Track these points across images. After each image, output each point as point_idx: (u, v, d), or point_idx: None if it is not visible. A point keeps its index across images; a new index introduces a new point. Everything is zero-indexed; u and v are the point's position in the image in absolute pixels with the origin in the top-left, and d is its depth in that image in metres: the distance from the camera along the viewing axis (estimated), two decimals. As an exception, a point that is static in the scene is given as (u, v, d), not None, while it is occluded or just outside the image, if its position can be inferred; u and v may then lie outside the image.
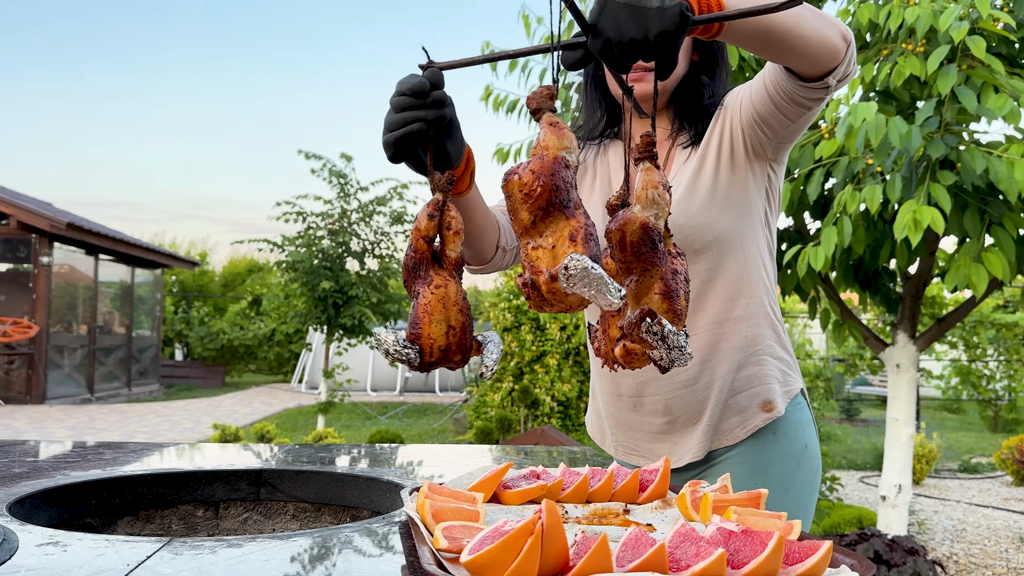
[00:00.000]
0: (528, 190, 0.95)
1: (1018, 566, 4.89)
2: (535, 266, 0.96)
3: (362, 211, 9.29)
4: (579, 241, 0.94)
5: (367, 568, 0.92)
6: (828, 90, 1.24)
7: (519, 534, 0.80)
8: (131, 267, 16.16)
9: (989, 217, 3.67)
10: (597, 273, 0.90)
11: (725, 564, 0.81)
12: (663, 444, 1.47)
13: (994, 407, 12.19)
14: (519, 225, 0.97)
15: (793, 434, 1.45)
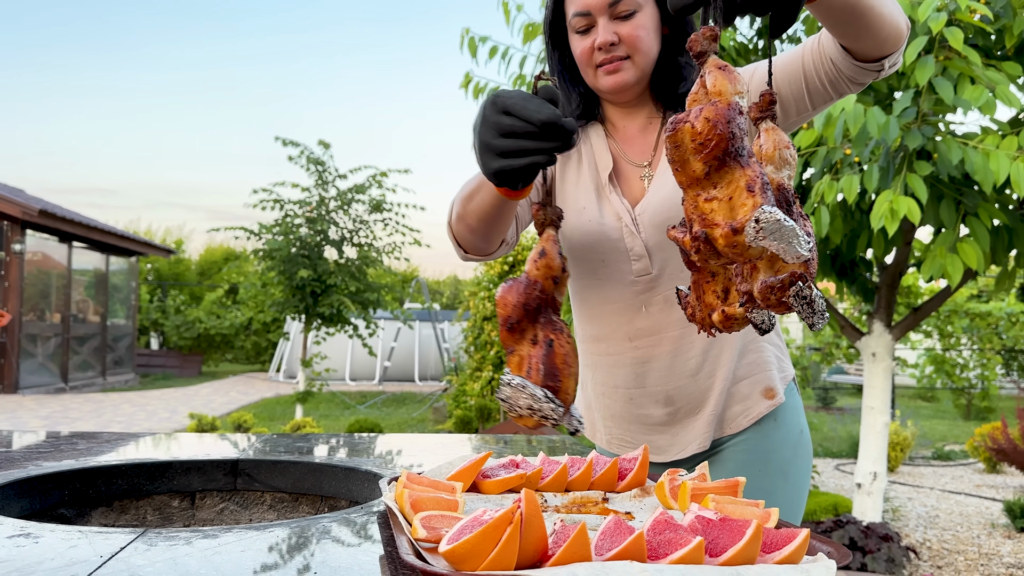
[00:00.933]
0: (703, 139, 0.89)
1: (989, 551, 4.97)
2: (708, 219, 0.91)
3: (340, 199, 9.23)
4: (757, 191, 0.88)
5: (345, 558, 0.91)
6: (880, 73, 1.21)
7: (498, 523, 0.80)
8: (105, 255, 15.98)
9: (964, 207, 3.71)
10: (789, 225, 0.85)
11: (703, 552, 0.81)
12: (662, 436, 1.46)
13: (967, 395, 12.36)
14: (687, 176, 0.92)
15: (791, 420, 1.46)
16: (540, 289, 0.97)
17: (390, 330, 15.89)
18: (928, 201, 3.59)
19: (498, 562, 0.79)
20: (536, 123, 0.97)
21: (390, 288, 10.32)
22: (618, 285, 1.43)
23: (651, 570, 0.78)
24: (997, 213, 3.69)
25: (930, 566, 4.66)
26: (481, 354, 9.32)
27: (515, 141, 0.98)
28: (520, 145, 0.98)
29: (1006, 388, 14.36)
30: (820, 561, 0.84)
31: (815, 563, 0.83)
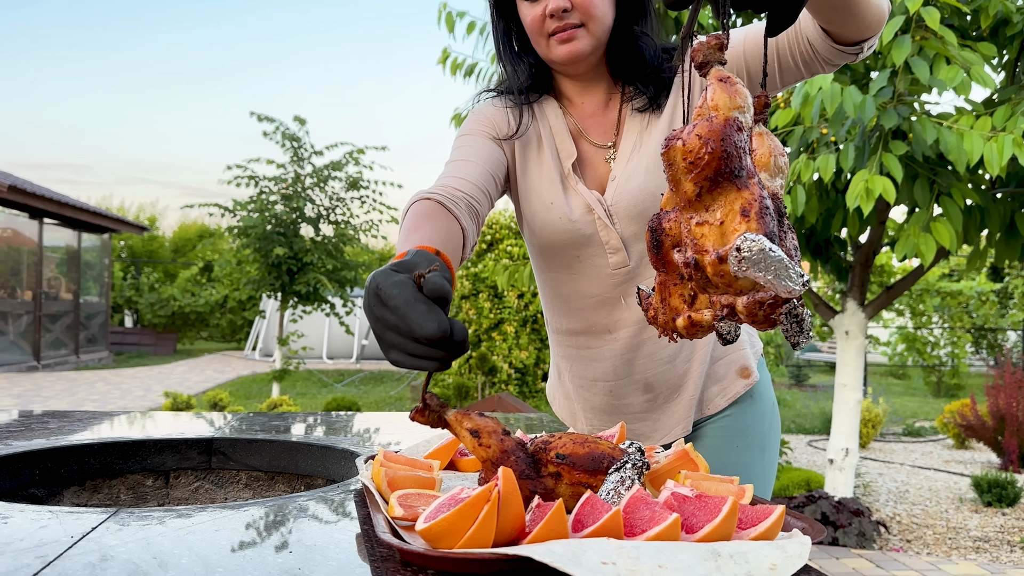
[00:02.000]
0: (694, 158, 0.83)
1: (957, 525, 5.07)
2: (699, 244, 0.85)
3: (316, 176, 9.15)
4: (753, 216, 0.81)
5: (321, 537, 0.91)
6: (858, 56, 1.17)
7: (475, 501, 0.79)
8: (77, 231, 15.75)
9: (938, 187, 3.74)
10: (776, 256, 0.77)
11: (680, 528, 0.82)
12: (643, 423, 1.45)
13: (937, 373, 12.56)
14: (680, 197, 0.86)
15: (765, 394, 1.46)
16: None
17: (367, 308, 15.82)
18: (903, 181, 3.62)
19: (475, 540, 0.79)
20: (420, 339, 0.85)
21: (368, 266, 10.26)
22: (595, 279, 1.39)
23: (628, 547, 0.78)
24: (970, 193, 3.73)
25: (900, 540, 4.75)
26: (458, 332, 9.31)
27: (402, 343, 0.87)
28: (408, 349, 0.87)
29: (975, 366, 14.60)
30: (795, 537, 0.85)
31: (790, 539, 0.84)
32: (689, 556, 0.78)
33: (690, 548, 0.79)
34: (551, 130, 1.42)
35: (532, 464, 0.92)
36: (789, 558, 0.80)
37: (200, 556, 0.82)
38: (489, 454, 0.89)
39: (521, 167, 1.42)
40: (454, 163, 1.34)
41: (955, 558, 4.43)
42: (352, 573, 0.78)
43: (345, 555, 0.84)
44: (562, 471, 0.92)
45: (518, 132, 1.41)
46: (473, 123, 1.42)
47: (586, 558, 0.76)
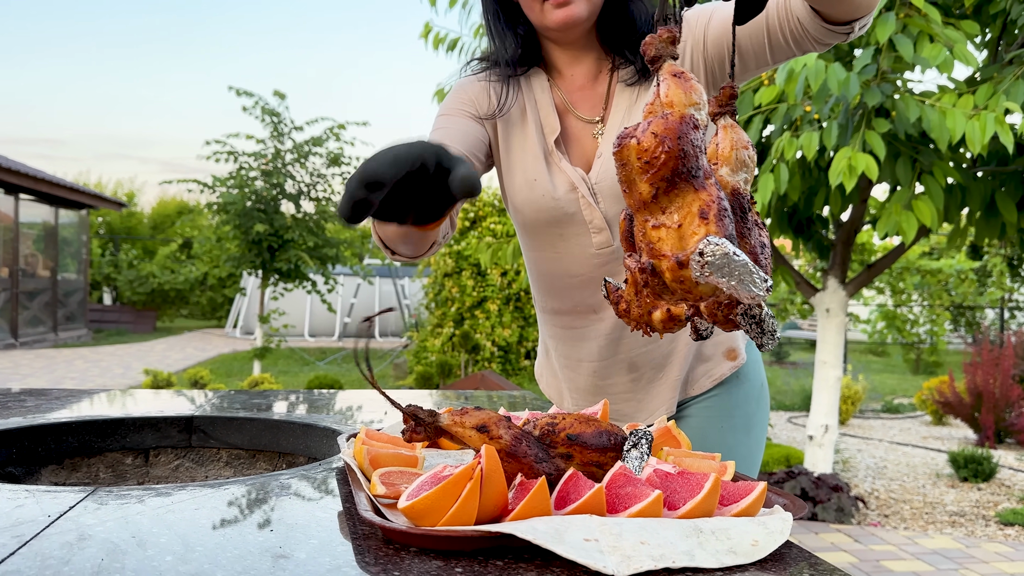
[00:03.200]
0: (649, 157, 0.78)
1: (934, 500, 5.14)
2: (656, 249, 0.81)
3: (297, 151, 9.05)
4: (711, 219, 0.78)
5: (302, 515, 0.90)
6: (849, 36, 1.14)
7: (458, 479, 0.79)
8: (54, 207, 15.55)
9: (920, 166, 3.75)
10: (740, 260, 0.75)
11: (662, 505, 0.82)
12: (628, 403, 1.44)
13: (916, 350, 12.70)
14: (635, 199, 0.82)
15: (753, 375, 1.45)
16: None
17: (350, 286, 15.77)
18: (885, 159, 3.63)
19: (458, 517, 0.78)
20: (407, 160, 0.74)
21: (349, 244, 10.20)
22: (579, 259, 1.37)
23: (610, 523, 0.78)
24: (951, 171, 3.75)
25: (878, 515, 4.81)
26: (442, 311, 9.31)
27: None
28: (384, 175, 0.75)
29: (954, 343, 14.78)
30: (776, 513, 0.85)
31: (771, 515, 0.84)
32: (671, 532, 0.78)
33: (672, 524, 0.79)
34: (536, 104, 1.39)
35: (542, 447, 0.91)
36: (771, 534, 0.80)
37: (179, 535, 0.81)
38: (502, 445, 0.88)
39: (504, 144, 1.40)
40: (441, 131, 1.32)
41: (931, 532, 4.50)
42: (334, 551, 0.78)
43: (327, 533, 0.83)
44: (573, 452, 0.92)
45: (501, 110, 1.38)
46: (453, 102, 1.39)
47: (569, 535, 0.76)
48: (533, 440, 0.91)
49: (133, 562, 0.73)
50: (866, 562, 3.96)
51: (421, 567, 0.73)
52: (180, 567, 0.72)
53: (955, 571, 3.88)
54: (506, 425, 0.90)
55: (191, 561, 0.74)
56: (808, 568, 0.76)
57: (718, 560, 0.75)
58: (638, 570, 0.72)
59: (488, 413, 0.90)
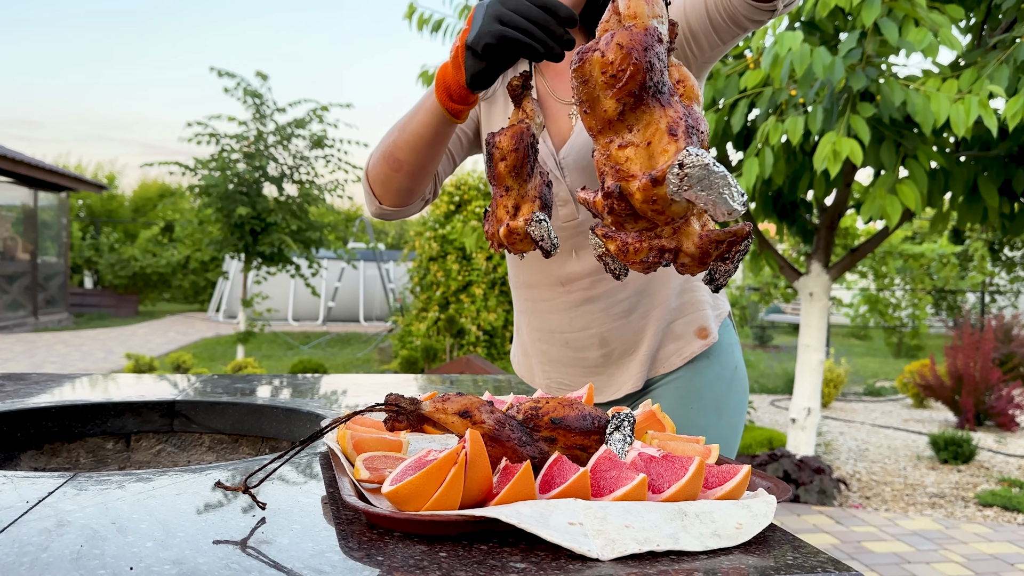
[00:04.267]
0: (615, 71, 0.74)
1: (915, 482, 5.20)
2: (623, 170, 0.77)
3: (279, 133, 8.97)
4: (681, 135, 0.74)
5: (285, 500, 0.89)
6: (774, 13, 1.19)
7: (442, 464, 0.79)
8: (33, 190, 15.35)
9: (904, 150, 3.77)
10: (720, 171, 0.72)
11: (646, 488, 0.82)
12: (599, 377, 1.45)
13: (898, 334, 12.81)
14: (597, 119, 0.78)
15: (725, 357, 1.46)
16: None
17: (334, 270, 15.71)
18: (869, 143, 3.63)
19: (442, 502, 0.78)
20: (560, 15, 1.00)
21: (333, 227, 10.14)
22: None
23: (595, 507, 0.78)
24: (935, 155, 3.76)
25: (859, 496, 4.86)
26: (427, 295, 9.29)
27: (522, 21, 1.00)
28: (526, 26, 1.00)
29: (935, 327, 14.92)
30: (760, 496, 0.85)
31: (756, 498, 0.84)
32: (656, 516, 0.78)
33: (657, 508, 0.79)
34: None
35: (526, 431, 0.91)
36: (755, 517, 0.80)
37: (160, 521, 0.80)
38: (486, 429, 0.88)
39: (485, 121, 1.45)
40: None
41: (912, 514, 4.56)
42: (317, 536, 0.77)
43: (310, 518, 0.83)
44: (557, 435, 0.91)
45: (486, 94, 1.43)
46: None
47: (553, 519, 0.75)
48: (516, 424, 0.91)
49: (113, 548, 0.72)
50: (848, 543, 4.00)
51: (405, 552, 0.73)
52: (161, 553, 0.71)
53: (935, 551, 3.93)
54: (488, 410, 0.89)
55: (172, 547, 0.73)
56: (792, 551, 0.76)
57: (702, 543, 0.75)
58: (622, 553, 0.72)
59: (470, 398, 0.89)
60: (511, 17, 1.00)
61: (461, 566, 0.70)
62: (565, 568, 0.70)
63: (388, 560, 0.71)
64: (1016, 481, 5.14)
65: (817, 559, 0.74)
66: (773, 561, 0.73)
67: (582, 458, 0.93)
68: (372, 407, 0.87)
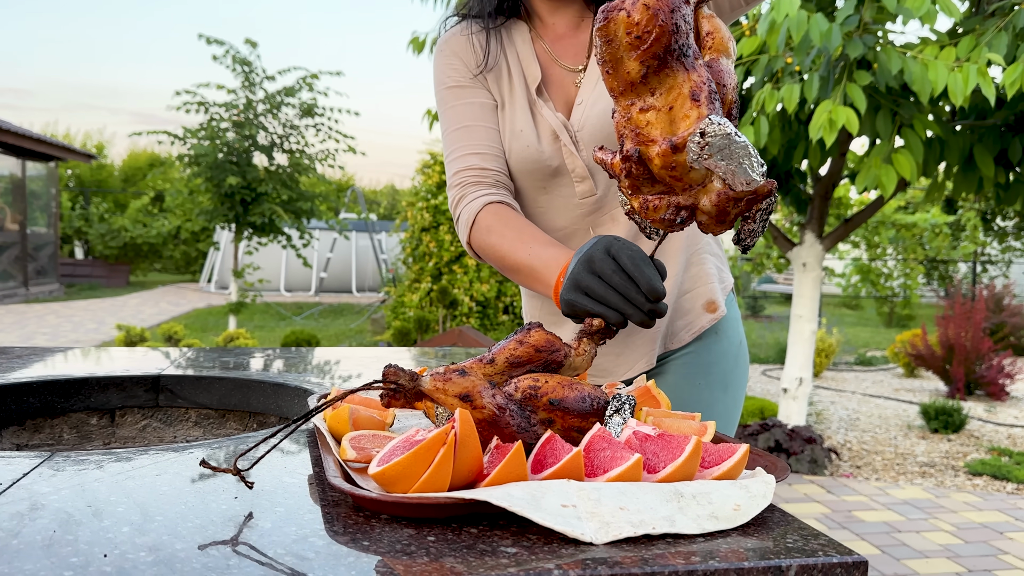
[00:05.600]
0: (640, 32, 0.72)
1: (905, 451, 5.23)
2: (643, 133, 0.76)
3: (269, 102, 8.85)
4: (703, 101, 0.73)
5: (269, 480, 0.87)
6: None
7: (431, 444, 0.76)
8: (21, 159, 15.18)
9: (900, 119, 3.73)
10: (742, 141, 0.71)
11: (641, 469, 0.79)
12: (607, 358, 1.41)
13: (890, 304, 12.84)
14: (619, 80, 0.76)
15: (731, 331, 1.42)
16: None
17: (326, 240, 15.64)
18: (865, 112, 3.59)
19: (431, 484, 0.75)
20: (644, 289, 0.95)
21: (324, 197, 10.06)
22: (562, 210, 1.35)
23: (588, 488, 0.75)
24: (931, 125, 3.72)
25: (850, 466, 4.89)
26: (419, 265, 9.25)
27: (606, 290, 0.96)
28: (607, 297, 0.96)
29: (926, 297, 14.96)
30: (759, 476, 0.83)
31: (753, 478, 0.81)
32: (651, 497, 0.76)
33: (652, 489, 0.77)
34: (518, 56, 1.37)
35: (524, 415, 0.88)
36: (753, 498, 0.78)
37: (139, 503, 0.77)
38: (485, 415, 0.85)
39: (497, 98, 1.38)
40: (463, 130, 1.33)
41: (902, 483, 4.58)
42: (301, 519, 0.75)
43: (295, 500, 0.80)
44: (555, 417, 0.89)
45: (487, 64, 1.36)
46: (450, 70, 1.37)
47: (546, 501, 0.73)
48: (516, 409, 0.88)
49: (87, 533, 0.69)
50: (838, 512, 4.02)
51: (392, 536, 0.71)
52: (137, 538, 0.69)
53: (925, 520, 3.95)
54: (491, 393, 0.87)
55: (149, 532, 0.70)
56: (791, 532, 0.74)
57: (699, 526, 0.73)
58: (616, 537, 0.70)
59: (472, 380, 0.86)
60: (588, 285, 0.97)
61: (450, 551, 0.67)
62: (557, 553, 0.67)
63: (374, 545, 0.68)
64: (1006, 450, 5.18)
65: (818, 541, 0.72)
66: (772, 543, 0.71)
67: (578, 440, 0.91)
68: (370, 384, 0.84)
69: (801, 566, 0.68)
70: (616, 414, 0.90)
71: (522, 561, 0.66)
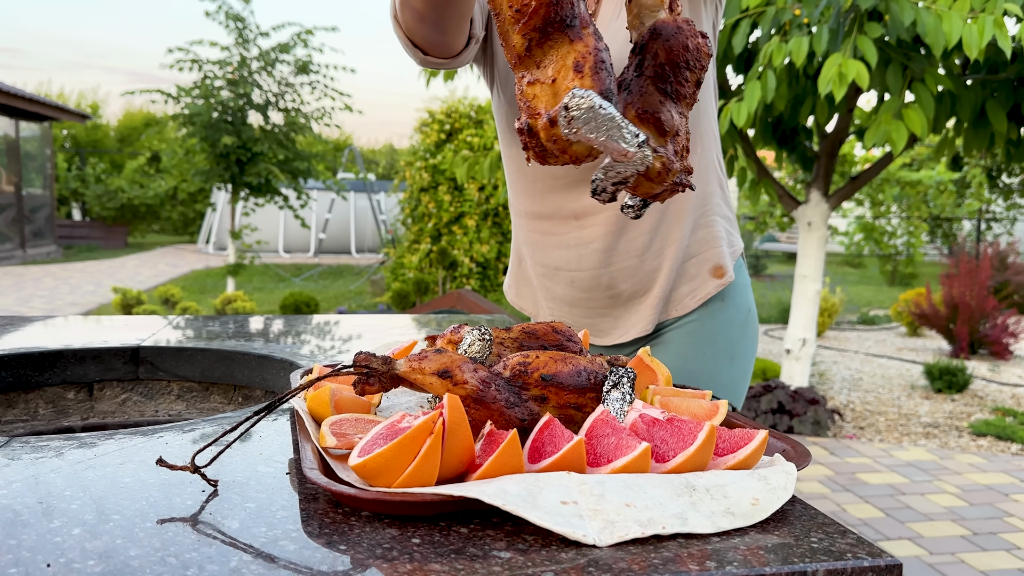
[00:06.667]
0: (520, 5, 0.74)
1: (908, 411, 5.19)
2: (532, 107, 0.77)
3: (263, 59, 8.67)
4: (587, 71, 0.73)
5: (243, 470, 0.79)
6: None
7: (416, 434, 0.68)
8: (14, 120, 14.98)
9: (911, 73, 3.60)
10: (607, 113, 0.70)
11: (650, 458, 0.72)
12: (605, 319, 1.33)
13: (893, 262, 12.75)
14: (510, 53, 0.77)
15: (739, 299, 1.34)
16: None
17: (324, 201, 15.49)
18: (875, 66, 3.47)
19: (416, 477, 0.68)
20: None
21: (321, 157, 9.91)
22: None
23: (591, 482, 0.68)
24: (943, 79, 3.60)
25: (853, 427, 4.84)
26: (419, 226, 9.15)
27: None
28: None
29: (930, 255, 14.86)
30: (778, 465, 0.75)
31: (773, 468, 0.74)
32: (661, 491, 0.68)
33: (662, 482, 0.70)
34: None
35: (514, 390, 0.81)
36: (773, 490, 0.70)
37: (95, 499, 0.70)
38: (468, 391, 0.77)
39: (491, 37, 1.30)
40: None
41: (906, 444, 4.54)
42: (273, 517, 0.67)
43: (268, 493, 0.73)
44: (548, 393, 0.81)
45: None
46: None
47: (543, 497, 0.66)
48: (503, 383, 0.81)
49: (32, 537, 0.62)
50: (842, 475, 3.98)
51: (372, 537, 0.63)
52: (88, 543, 0.61)
53: (929, 483, 3.91)
54: (471, 368, 0.79)
55: (102, 535, 0.63)
56: (816, 529, 0.67)
57: (714, 523, 0.66)
58: (623, 538, 0.63)
59: (450, 356, 0.79)
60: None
61: (436, 555, 0.60)
62: (556, 557, 0.60)
63: (352, 549, 0.61)
64: (1010, 410, 5.13)
65: (846, 540, 0.65)
66: (795, 543, 0.64)
67: (576, 418, 0.83)
68: (338, 369, 0.77)
69: (829, 571, 0.61)
70: (614, 389, 0.82)
71: (516, 567, 0.59)
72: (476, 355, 0.87)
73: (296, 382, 1.03)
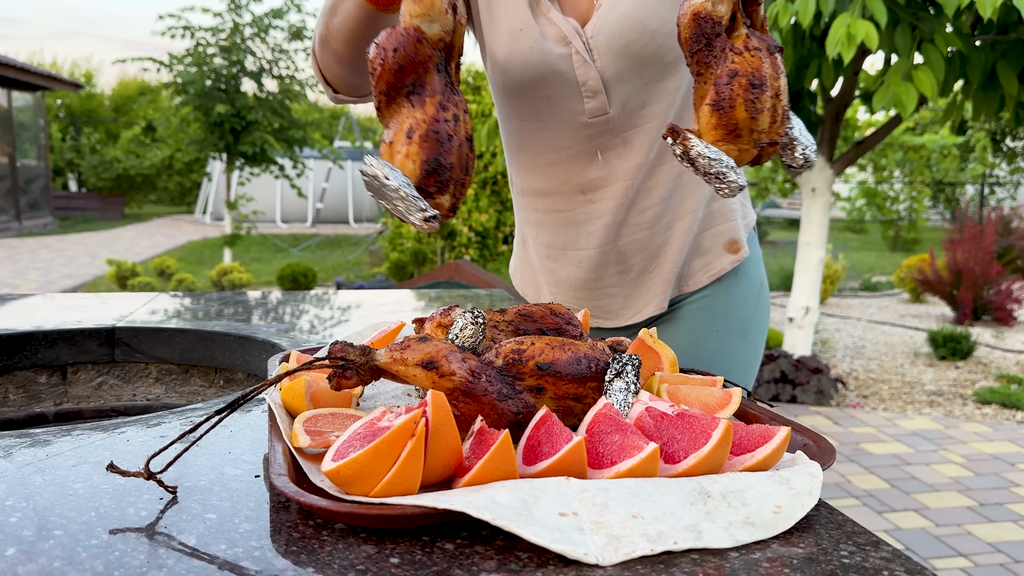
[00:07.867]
0: (372, 68, 0.78)
1: (912, 380, 5.13)
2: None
3: (256, 25, 8.50)
4: (415, 139, 0.76)
5: (206, 473, 0.72)
6: None
7: (396, 437, 0.61)
8: (7, 89, 14.79)
9: (920, 33, 3.49)
10: (392, 185, 0.73)
11: (658, 461, 0.64)
12: (614, 299, 1.25)
13: (896, 227, 12.64)
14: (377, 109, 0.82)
15: (752, 273, 1.26)
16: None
17: (320, 170, 15.34)
18: (884, 27, 3.35)
19: (397, 484, 0.60)
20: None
21: (317, 125, 9.77)
22: (567, 128, 1.16)
23: (593, 489, 0.61)
24: (953, 39, 3.49)
25: (856, 396, 4.79)
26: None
27: None
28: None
29: (932, 220, 14.74)
30: (800, 464, 0.68)
31: (795, 468, 0.67)
32: (671, 499, 0.61)
33: (672, 487, 0.62)
34: None
35: (507, 381, 0.73)
36: (797, 496, 0.63)
37: (39, 511, 0.63)
38: (456, 383, 0.70)
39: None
40: None
41: (910, 413, 4.49)
42: (236, 531, 0.60)
43: (233, 500, 0.66)
44: (545, 384, 0.74)
45: None
46: None
47: (539, 508, 0.58)
48: (495, 373, 0.73)
49: (-41, 561, 0.55)
50: (846, 445, 3.93)
51: (345, 556, 0.56)
52: (21, 567, 0.54)
53: (934, 452, 3.87)
54: (459, 357, 0.71)
55: (39, 556, 0.56)
56: (845, 540, 0.60)
57: (732, 536, 0.58)
58: (629, 556, 0.56)
59: (436, 345, 0.71)
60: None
61: (418, 578, 0.53)
62: (554, 580, 0.53)
63: (322, 571, 0.54)
64: (1015, 377, 5.08)
65: (879, 554, 0.58)
66: (824, 557, 0.57)
67: (576, 410, 0.76)
68: (311, 362, 0.69)
69: (863, 593, 0.53)
70: (617, 378, 0.75)
71: (509, 594, 0.51)
72: (468, 340, 0.80)
73: (273, 368, 0.96)
